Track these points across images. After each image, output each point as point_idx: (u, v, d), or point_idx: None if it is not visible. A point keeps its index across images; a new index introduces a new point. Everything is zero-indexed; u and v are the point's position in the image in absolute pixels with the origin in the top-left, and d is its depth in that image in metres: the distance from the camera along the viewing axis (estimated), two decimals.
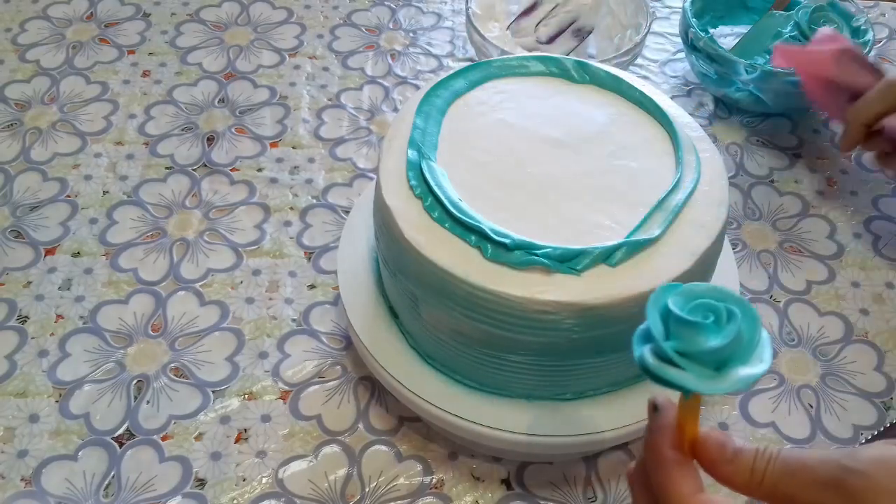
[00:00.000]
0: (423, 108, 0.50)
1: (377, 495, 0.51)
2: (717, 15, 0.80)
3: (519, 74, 0.53)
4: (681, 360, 0.32)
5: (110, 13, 0.84)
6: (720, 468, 0.34)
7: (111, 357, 0.57)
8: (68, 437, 0.53)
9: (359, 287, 0.53)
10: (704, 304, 0.33)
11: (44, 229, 0.65)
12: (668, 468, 0.34)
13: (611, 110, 0.52)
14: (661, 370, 0.32)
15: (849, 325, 0.60)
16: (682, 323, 0.32)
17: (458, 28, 0.83)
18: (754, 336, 0.33)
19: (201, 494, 0.51)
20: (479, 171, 0.48)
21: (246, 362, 0.57)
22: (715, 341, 0.32)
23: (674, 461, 0.34)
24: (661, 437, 0.35)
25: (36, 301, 0.60)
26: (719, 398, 0.56)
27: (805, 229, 0.66)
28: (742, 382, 0.32)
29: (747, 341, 0.32)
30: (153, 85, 0.77)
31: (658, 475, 0.35)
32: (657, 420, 0.35)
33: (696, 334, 0.32)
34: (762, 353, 0.33)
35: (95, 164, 0.70)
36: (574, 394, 0.48)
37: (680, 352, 0.32)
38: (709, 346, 0.32)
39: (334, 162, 0.70)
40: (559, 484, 0.52)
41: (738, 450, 0.34)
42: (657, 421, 0.35)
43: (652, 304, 0.33)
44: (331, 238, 0.65)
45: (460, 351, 0.47)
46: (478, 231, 0.43)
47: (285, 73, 0.78)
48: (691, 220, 0.45)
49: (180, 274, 0.62)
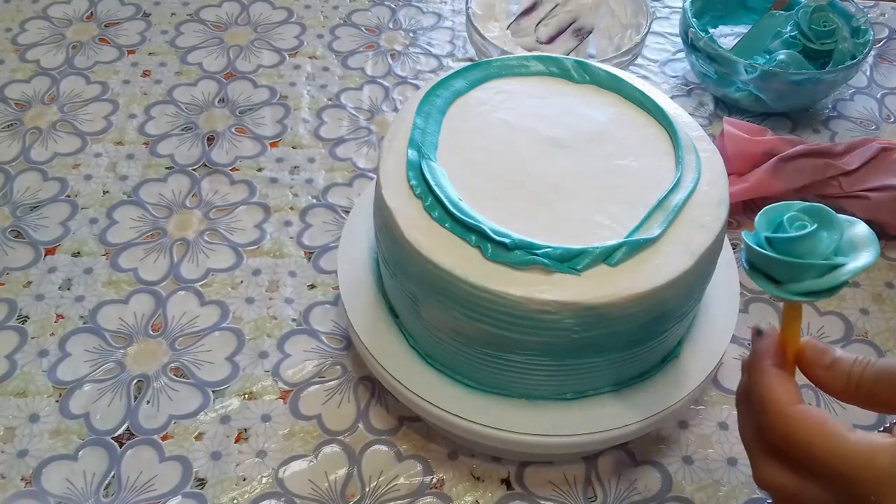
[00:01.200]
0: (424, 107, 0.50)
1: (377, 495, 0.51)
2: (717, 15, 0.80)
3: (519, 74, 0.53)
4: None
5: (110, 13, 0.84)
6: (819, 373, 0.37)
7: (111, 357, 0.57)
8: (68, 436, 0.53)
9: (359, 287, 0.53)
10: (794, 217, 0.35)
11: (44, 229, 0.65)
12: (768, 379, 0.37)
13: (611, 110, 0.52)
14: (788, 252, 0.34)
15: (849, 325, 0.60)
16: (789, 241, 0.35)
17: (458, 28, 0.83)
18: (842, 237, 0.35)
19: (201, 494, 0.51)
20: (479, 170, 0.48)
21: (246, 362, 0.57)
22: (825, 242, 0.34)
23: (774, 374, 0.37)
24: (763, 355, 0.38)
25: (36, 301, 0.60)
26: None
27: None
28: (850, 273, 0.34)
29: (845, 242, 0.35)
30: (153, 85, 0.77)
31: (759, 387, 0.37)
32: (760, 342, 0.39)
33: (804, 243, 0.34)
34: (864, 248, 0.34)
35: (95, 164, 0.70)
36: (574, 394, 0.48)
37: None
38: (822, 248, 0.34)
39: (334, 162, 0.70)
40: (559, 484, 0.52)
41: (837, 358, 0.37)
42: (760, 342, 0.38)
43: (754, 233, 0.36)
44: (331, 238, 0.65)
45: (460, 351, 0.47)
46: (478, 231, 0.43)
47: (285, 73, 0.78)
48: (691, 220, 0.45)
49: (180, 274, 0.62)
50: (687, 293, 0.46)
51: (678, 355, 0.50)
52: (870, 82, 0.79)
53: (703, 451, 0.54)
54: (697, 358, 0.50)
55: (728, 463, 0.53)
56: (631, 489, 0.52)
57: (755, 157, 0.64)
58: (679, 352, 0.50)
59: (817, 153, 0.63)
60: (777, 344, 0.38)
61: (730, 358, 0.58)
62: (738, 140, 0.65)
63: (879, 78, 0.79)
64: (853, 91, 0.78)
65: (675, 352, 0.50)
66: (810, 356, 0.38)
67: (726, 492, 0.52)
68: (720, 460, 0.53)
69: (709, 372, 0.50)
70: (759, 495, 0.52)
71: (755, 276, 0.37)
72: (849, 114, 0.76)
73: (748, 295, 0.61)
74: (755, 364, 0.38)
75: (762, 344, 0.38)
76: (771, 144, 0.64)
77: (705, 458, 0.53)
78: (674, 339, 0.49)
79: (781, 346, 0.38)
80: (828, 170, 0.62)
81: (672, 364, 0.50)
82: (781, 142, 0.65)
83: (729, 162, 0.60)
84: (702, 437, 0.54)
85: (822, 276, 0.34)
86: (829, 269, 0.34)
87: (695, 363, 0.50)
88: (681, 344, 0.51)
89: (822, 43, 0.71)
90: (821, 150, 0.63)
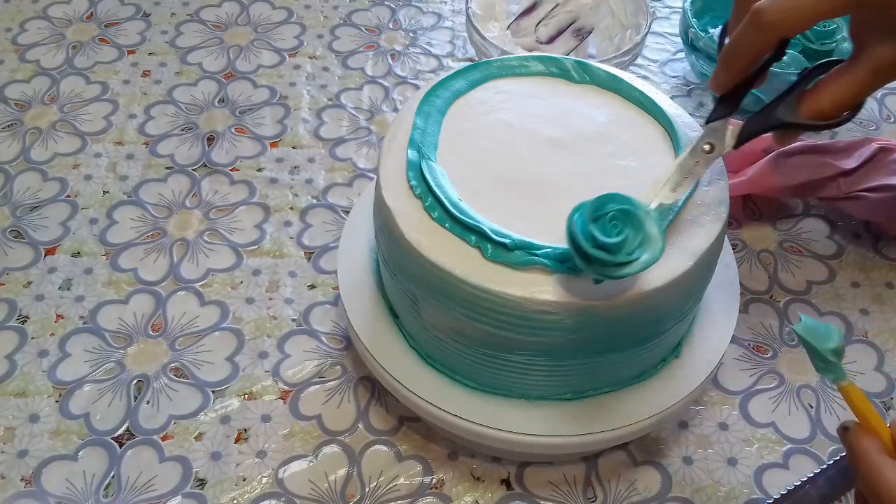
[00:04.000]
0: (424, 108, 0.50)
1: (377, 495, 0.51)
2: (717, 15, 0.80)
3: (519, 74, 0.53)
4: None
5: (110, 13, 0.84)
6: None
7: (111, 357, 0.57)
8: (68, 437, 0.53)
9: (359, 287, 0.53)
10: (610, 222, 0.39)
11: (44, 229, 0.65)
12: (876, 468, 0.36)
13: (610, 110, 0.52)
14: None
15: (849, 325, 0.60)
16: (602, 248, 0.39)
17: (458, 28, 0.83)
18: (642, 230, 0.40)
19: (201, 494, 0.51)
20: (479, 170, 0.48)
21: (246, 362, 0.57)
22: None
23: (881, 462, 0.36)
24: (866, 450, 0.37)
25: (36, 301, 0.60)
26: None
27: (805, 229, 0.66)
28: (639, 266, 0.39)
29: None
30: (153, 85, 0.77)
31: (868, 479, 0.36)
32: (855, 438, 0.38)
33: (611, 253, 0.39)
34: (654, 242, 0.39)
35: (95, 164, 0.70)
36: (574, 394, 0.48)
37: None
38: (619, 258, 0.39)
39: (334, 162, 0.70)
40: (559, 484, 0.52)
41: None
42: (855, 438, 0.38)
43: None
44: (331, 238, 0.65)
45: (460, 351, 0.47)
46: (478, 231, 0.43)
47: (285, 73, 0.78)
48: (691, 220, 0.45)
49: (180, 274, 0.62)
50: (687, 293, 0.46)
51: (678, 355, 0.50)
52: None
53: (703, 452, 0.54)
54: (697, 358, 0.50)
55: (728, 463, 0.53)
56: (631, 489, 0.52)
57: (754, 155, 0.64)
58: (679, 352, 0.50)
59: (816, 150, 0.63)
60: (870, 433, 0.38)
61: (730, 358, 0.58)
62: None
63: None
64: None
65: (675, 352, 0.50)
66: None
67: (726, 492, 0.52)
68: (720, 460, 0.53)
69: (709, 372, 0.50)
70: (758, 495, 0.52)
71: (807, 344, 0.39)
72: None
73: (748, 295, 0.61)
74: (861, 461, 0.37)
75: (861, 440, 0.38)
76: (769, 142, 0.64)
77: (705, 459, 0.53)
78: (674, 339, 0.49)
79: (874, 433, 0.38)
80: (826, 168, 0.62)
81: (672, 364, 0.50)
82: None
83: (727, 160, 0.60)
84: (702, 438, 0.54)
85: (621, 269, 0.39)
86: (628, 263, 0.39)
87: (695, 363, 0.50)
88: (681, 344, 0.51)
89: (822, 43, 0.71)
90: (820, 148, 0.63)
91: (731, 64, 0.44)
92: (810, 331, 0.39)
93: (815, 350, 0.38)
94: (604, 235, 0.39)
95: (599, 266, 0.39)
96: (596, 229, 0.39)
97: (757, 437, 0.54)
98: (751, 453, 0.53)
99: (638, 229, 0.39)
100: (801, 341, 0.39)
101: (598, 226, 0.39)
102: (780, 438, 0.54)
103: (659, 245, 0.39)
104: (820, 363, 0.39)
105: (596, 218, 0.39)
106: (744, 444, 0.54)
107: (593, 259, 0.39)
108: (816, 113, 0.42)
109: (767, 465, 0.53)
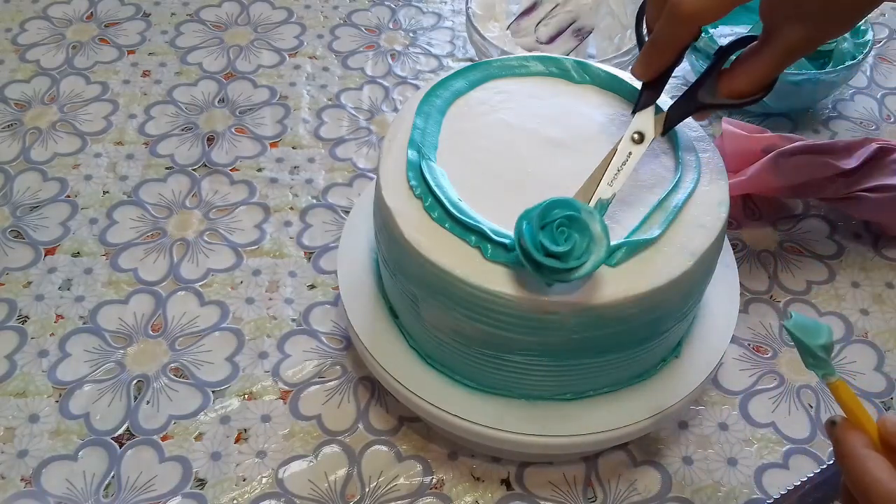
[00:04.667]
0: (423, 108, 0.50)
1: (377, 495, 0.51)
2: None
3: (519, 74, 0.53)
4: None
5: (110, 13, 0.84)
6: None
7: (111, 357, 0.57)
8: (68, 437, 0.53)
9: (359, 287, 0.53)
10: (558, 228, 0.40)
11: (44, 229, 0.65)
12: (861, 463, 0.36)
13: (610, 110, 0.52)
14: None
15: (849, 325, 0.60)
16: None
17: (458, 28, 0.83)
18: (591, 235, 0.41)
19: (201, 494, 0.51)
20: (479, 171, 0.48)
21: (246, 362, 0.57)
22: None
23: (866, 456, 0.36)
24: (852, 443, 0.37)
25: (36, 301, 0.60)
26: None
27: (805, 229, 0.66)
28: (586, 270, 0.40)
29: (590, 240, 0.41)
30: (153, 85, 0.77)
31: (853, 474, 0.36)
32: (841, 432, 0.38)
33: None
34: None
35: (95, 164, 0.70)
36: (574, 394, 0.48)
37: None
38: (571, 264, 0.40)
39: (334, 162, 0.70)
40: (559, 484, 0.52)
41: None
42: (842, 433, 0.38)
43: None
44: (331, 238, 0.65)
45: (460, 351, 0.47)
46: (478, 231, 0.43)
47: (285, 73, 0.78)
48: (691, 220, 0.45)
49: (180, 274, 0.62)
50: (687, 293, 0.46)
51: (678, 355, 0.50)
52: (870, 82, 0.79)
53: (702, 452, 0.54)
54: (697, 358, 0.50)
55: (728, 463, 0.53)
56: (631, 489, 0.52)
57: (754, 155, 0.64)
58: (679, 352, 0.50)
59: (816, 150, 0.63)
60: (857, 429, 0.38)
61: (730, 358, 0.58)
62: (737, 137, 0.65)
63: (879, 78, 0.79)
64: (853, 91, 0.78)
65: (675, 352, 0.50)
66: (892, 429, 0.37)
67: (726, 492, 0.52)
68: (720, 461, 0.53)
69: (709, 372, 0.50)
70: (758, 495, 0.52)
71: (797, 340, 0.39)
72: (849, 114, 0.76)
73: (748, 295, 0.61)
74: (847, 455, 0.37)
75: (848, 434, 0.38)
76: (770, 141, 0.64)
77: (705, 459, 0.53)
78: (674, 339, 0.49)
79: (861, 428, 0.38)
80: (826, 168, 0.62)
81: (672, 364, 0.50)
82: (780, 139, 0.65)
83: (727, 159, 0.60)
84: (702, 438, 0.54)
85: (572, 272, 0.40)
86: (577, 268, 0.40)
87: (695, 363, 0.50)
88: (681, 344, 0.51)
89: None
90: (820, 148, 0.63)
91: (656, 57, 0.46)
92: (800, 327, 0.39)
93: (805, 346, 0.39)
94: (553, 244, 0.40)
95: (550, 272, 0.40)
96: (545, 238, 0.40)
97: (757, 438, 0.54)
98: (751, 453, 0.53)
99: (584, 233, 0.40)
100: (792, 337, 0.39)
101: (546, 234, 0.40)
102: (780, 438, 0.54)
103: (604, 244, 0.40)
104: (809, 359, 0.39)
105: (543, 225, 0.40)
106: (744, 444, 0.54)
107: (544, 267, 0.40)
108: (735, 92, 0.45)
109: (767, 465, 0.53)
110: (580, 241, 0.40)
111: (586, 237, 0.40)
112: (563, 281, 0.41)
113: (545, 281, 0.41)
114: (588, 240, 0.40)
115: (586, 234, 0.40)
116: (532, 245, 0.40)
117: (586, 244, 0.40)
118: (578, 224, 0.40)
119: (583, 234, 0.40)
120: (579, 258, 0.40)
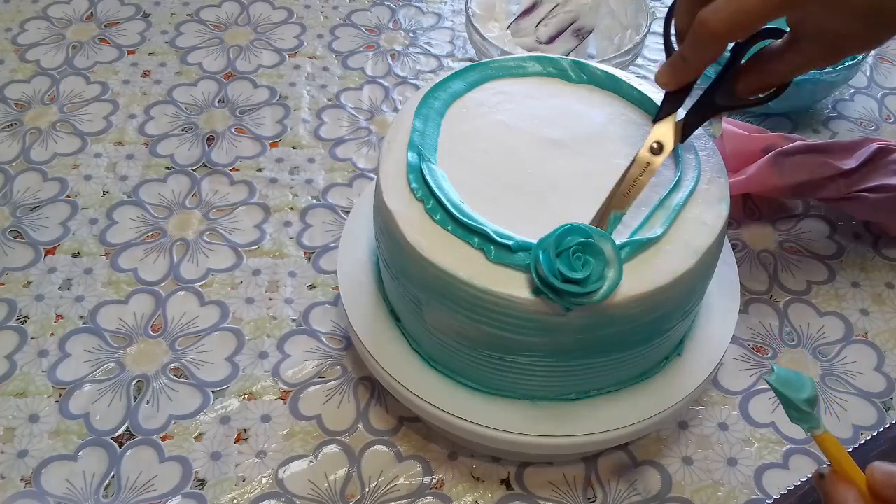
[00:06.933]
0: (422, 110, 0.50)
1: (377, 495, 0.51)
2: None
3: (516, 75, 0.53)
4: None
5: (110, 13, 0.84)
6: (891, 494, 0.36)
7: (111, 357, 0.57)
8: (68, 437, 0.53)
9: (359, 287, 0.53)
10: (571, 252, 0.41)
11: (44, 229, 0.65)
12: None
13: (610, 110, 0.52)
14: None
15: (849, 325, 0.60)
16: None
17: (458, 28, 0.83)
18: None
19: (201, 494, 0.51)
20: (479, 172, 0.48)
21: (246, 362, 0.57)
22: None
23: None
24: (839, 496, 0.37)
25: (36, 301, 0.60)
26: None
27: (805, 229, 0.66)
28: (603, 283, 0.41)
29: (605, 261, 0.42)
30: (153, 85, 0.77)
31: None
32: (831, 486, 0.38)
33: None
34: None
35: (95, 164, 0.70)
36: (578, 394, 0.48)
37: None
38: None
39: (334, 162, 0.70)
40: (559, 484, 0.52)
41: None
42: (833, 487, 0.38)
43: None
44: (331, 238, 0.65)
45: (463, 353, 0.47)
46: (481, 233, 0.43)
47: (285, 73, 0.78)
48: (693, 218, 0.45)
49: (180, 274, 0.62)
50: (690, 291, 0.46)
51: (681, 353, 0.50)
52: (870, 82, 0.79)
53: (702, 452, 0.54)
54: (698, 358, 0.50)
55: (728, 463, 0.53)
56: (631, 490, 0.52)
57: (754, 155, 0.64)
58: (681, 350, 0.50)
59: (816, 150, 0.63)
60: (846, 481, 0.38)
61: (730, 358, 0.58)
62: (737, 137, 0.65)
63: (879, 78, 0.79)
64: (853, 91, 0.78)
65: (678, 350, 0.50)
66: (880, 479, 0.37)
67: (726, 492, 0.52)
68: (720, 461, 0.53)
69: (709, 372, 0.50)
70: (758, 496, 0.52)
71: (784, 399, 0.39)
72: (849, 114, 0.76)
73: (748, 295, 0.61)
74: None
75: (837, 487, 0.38)
76: (770, 141, 0.64)
77: (705, 459, 0.53)
78: (677, 336, 0.49)
79: (849, 480, 0.38)
80: (826, 168, 0.62)
81: (672, 364, 0.50)
82: (780, 139, 0.65)
83: (727, 159, 0.60)
84: (702, 438, 0.54)
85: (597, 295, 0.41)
86: (595, 292, 0.41)
87: (695, 363, 0.50)
88: (683, 342, 0.51)
89: None
90: (820, 147, 0.63)
91: (683, 72, 0.46)
92: (783, 381, 0.39)
93: (789, 400, 0.39)
94: (570, 271, 0.41)
95: (570, 297, 0.41)
96: (562, 265, 0.41)
97: (757, 438, 0.54)
98: (751, 453, 0.53)
99: (599, 257, 0.42)
100: (775, 392, 0.39)
101: (562, 261, 0.41)
102: (779, 438, 0.54)
103: (617, 267, 0.42)
104: (794, 413, 0.39)
105: (559, 253, 0.41)
106: (744, 444, 0.54)
107: (564, 293, 0.41)
108: (758, 90, 0.47)
109: (767, 466, 0.53)
110: (596, 266, 0.41)
111: (601, 262, 0.41)
112: (583, 304, 0.41)
113: (564, 305, 0.42)
114: (603, 264, 0.41)
115: (601, 259, 0.41)
116: (550, 273, 0.41)
117: (602, 268, 0.41)
118: (593, 250, 0.41)
119: (598, 258, 0.41)
120: (596, 282, 0.41)
